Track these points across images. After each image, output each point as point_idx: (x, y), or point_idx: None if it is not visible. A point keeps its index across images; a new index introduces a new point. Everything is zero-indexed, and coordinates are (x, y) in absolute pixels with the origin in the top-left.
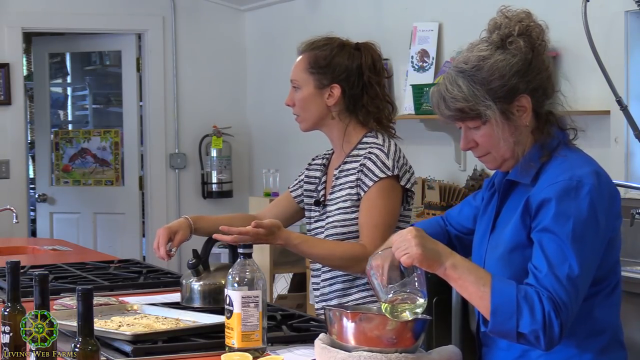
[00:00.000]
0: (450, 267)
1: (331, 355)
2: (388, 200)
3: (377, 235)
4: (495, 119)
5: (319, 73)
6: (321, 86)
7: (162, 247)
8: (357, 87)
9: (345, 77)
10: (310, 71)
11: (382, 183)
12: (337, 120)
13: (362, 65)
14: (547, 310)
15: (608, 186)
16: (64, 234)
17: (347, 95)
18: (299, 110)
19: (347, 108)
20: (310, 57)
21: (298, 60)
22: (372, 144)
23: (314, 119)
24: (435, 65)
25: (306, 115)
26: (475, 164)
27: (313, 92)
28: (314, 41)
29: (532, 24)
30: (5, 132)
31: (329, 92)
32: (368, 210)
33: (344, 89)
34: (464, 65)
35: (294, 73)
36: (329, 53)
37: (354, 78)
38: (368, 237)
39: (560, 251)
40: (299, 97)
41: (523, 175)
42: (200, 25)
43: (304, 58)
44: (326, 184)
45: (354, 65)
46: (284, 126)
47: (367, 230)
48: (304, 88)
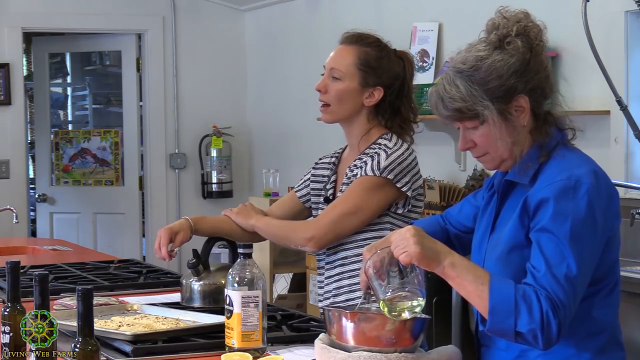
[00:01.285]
0: (449, 265)
1: (331, 355)
2: (363, 194)
3: (330, 215)
4: (493, 119)
5: (367, 72)
6: (365, 85)
7: (163, 248)
8: (395, 94)
9: (390, 83)
10: (359, 67)
11: (366, 179)
12: (364, 119)
13: (406, 76)
14: (545, 309)
15: (606, 186)
16: (64, 234)
17: (387, 100)
18: (332, 100)
19: (378, 111)
20: (361, 52)
21: (344, 50)
22: (383, 145)
23: (345, 114)
24: (435, 65)
25: (339, 108)
26: (475, 164)
27: (355, 88)
28: (362, 35)
29: (530, 24)
30: (5, 132)
31: (371, 92)
32: (341, 195)
33: (385, 94)
34: (462, 65)
35: (338, 63)
36: (380, 54)
37: (397, 86)
38: (321, 215)
39: (558, 251)
40: (338, 88)
41: (522, 175)
42: (200, 25)
43: (354, 51)
44: (336, 182)
45: (400, 74)
46: (284, 126)
47: (325, 210)
48: (347, 81)
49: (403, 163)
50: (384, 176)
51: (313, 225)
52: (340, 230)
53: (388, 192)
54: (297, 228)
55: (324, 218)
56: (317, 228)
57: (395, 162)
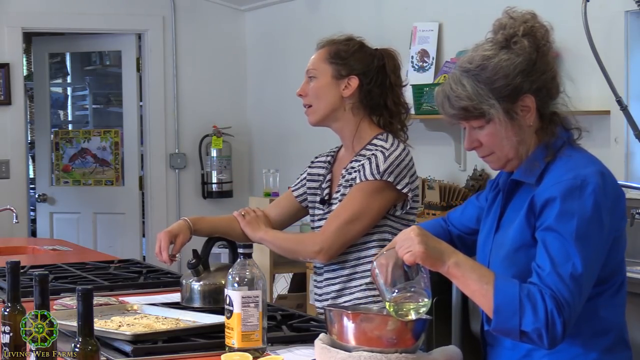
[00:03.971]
0: (453, 265)
1: (331, 355)
2: (365, 200)
3: (335, 225)
4: (499, 118)
5: (338, 64)
6: (339, 76)
7: (164, 252)
8: (374, 84)
9: (364, 71)
10: (330, 61)
11: (367, 184)
12: (349, 115)
13: (385, 67)
14: (550, 308)
15: (613, 186)
16: (64, 234)
17: (364, 89)
18: (312, 99)
19: (361, 102)
20: (331, 49)
21: (317, 52)
22: (380, 146)
23: (327, 110)
24: (435, 65)
25: (319, 105)
26: (475, 164)
27: (330, 82)
28: (335, 38)
29: (537, 24)
30: (5, 132)
31: (346, 82)
32: (342, 202)
33: (362, 82)
34: (469, 64)
35: (312, 63)
36: (350, 47)
37: (373, 75)
38: (325, 225)
39: (563, 250)
40: (315, 86)
41: (528, 175)
42: (200, 25)
43: (325, 50)
44: (331, 182)
45: (374, 63)
46: (284, 126)
47: (329, 219)
48: (321, 77)
49: (401, 164)
50: (384, 179)
51: (320, 237)
52: (347, 238)
53: (389, 194)
54: (305, 241)
55: (329, 228)
56: (323, 240)
57: (394, 164)
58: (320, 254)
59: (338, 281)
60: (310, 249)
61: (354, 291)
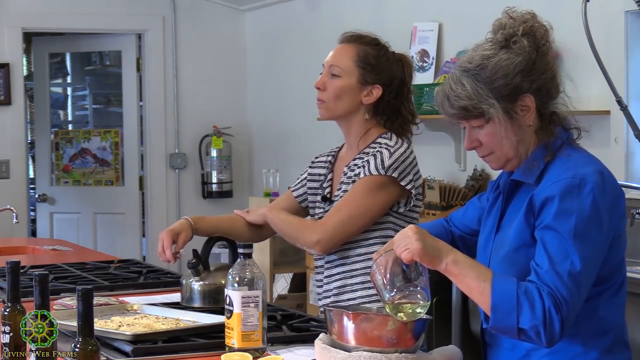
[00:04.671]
0: (451, 262)
1: (331, 355)
2: (369, 195)
3: (336, 218)
4: (498, 118)
5: (365, 69)
6: (364, 82)
7: (167, 250)
8: (394, 95)
9: (389, 82)
10: (358, 64)
11: (371, 178)
12: (362, 120)
13: (405, 77)
14: (547, 306)
15: (612, 185)
16: (64, 234)
17: (385, 99)
18: (330, 97)
19: (377, 110)
20: (360, 50)
21: (343, 48)
22: (384, 144)
23: (342, 111)
24: (435, 65)
25: (336, 105)
26: (475, 164)
27: (354, 85)
28: (362, 35)
29: (536, 24)
30: (5, 132)
31: (369, 90)
32: (345, 196)
33: (384, 93)
34: (468, 64)
35: (338, 60)
36: (379, 53)
37: (396, 86)
38: (327, 217)
39: (562, 248)
40: (337, 85)
41: (527, 175)
42: (200, 25)
43: (353, 49)
44: (332, 181)
45: (397, 74)
46: (284, 126)
47: (331, 211)
48: (345, 78)
49: (406, 161)
50: (389, 174)
51: (320, 228)
52: (347, 233)
53: (392, 190)
54: (304, 229)
55: (330, 221)
56: (323, 231)
57: (399, 160)
58: (317, 245)
59: (339, 277)
60: (308, 239)
61: (357, 288)
